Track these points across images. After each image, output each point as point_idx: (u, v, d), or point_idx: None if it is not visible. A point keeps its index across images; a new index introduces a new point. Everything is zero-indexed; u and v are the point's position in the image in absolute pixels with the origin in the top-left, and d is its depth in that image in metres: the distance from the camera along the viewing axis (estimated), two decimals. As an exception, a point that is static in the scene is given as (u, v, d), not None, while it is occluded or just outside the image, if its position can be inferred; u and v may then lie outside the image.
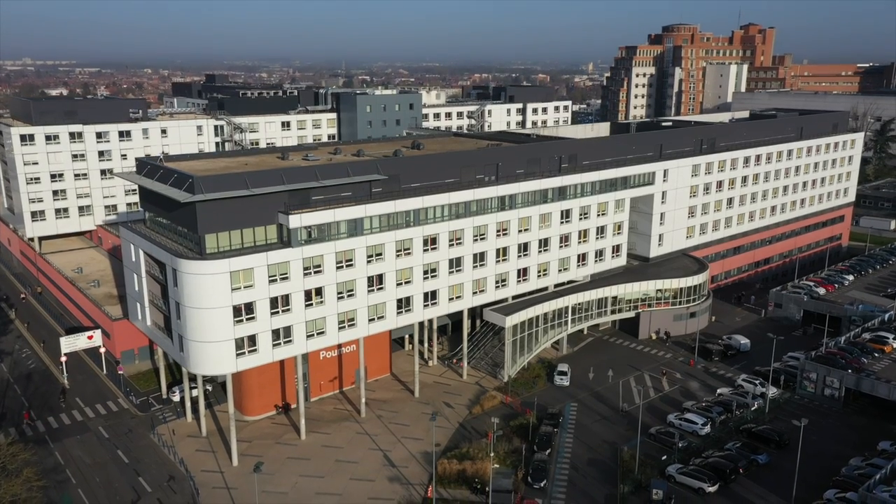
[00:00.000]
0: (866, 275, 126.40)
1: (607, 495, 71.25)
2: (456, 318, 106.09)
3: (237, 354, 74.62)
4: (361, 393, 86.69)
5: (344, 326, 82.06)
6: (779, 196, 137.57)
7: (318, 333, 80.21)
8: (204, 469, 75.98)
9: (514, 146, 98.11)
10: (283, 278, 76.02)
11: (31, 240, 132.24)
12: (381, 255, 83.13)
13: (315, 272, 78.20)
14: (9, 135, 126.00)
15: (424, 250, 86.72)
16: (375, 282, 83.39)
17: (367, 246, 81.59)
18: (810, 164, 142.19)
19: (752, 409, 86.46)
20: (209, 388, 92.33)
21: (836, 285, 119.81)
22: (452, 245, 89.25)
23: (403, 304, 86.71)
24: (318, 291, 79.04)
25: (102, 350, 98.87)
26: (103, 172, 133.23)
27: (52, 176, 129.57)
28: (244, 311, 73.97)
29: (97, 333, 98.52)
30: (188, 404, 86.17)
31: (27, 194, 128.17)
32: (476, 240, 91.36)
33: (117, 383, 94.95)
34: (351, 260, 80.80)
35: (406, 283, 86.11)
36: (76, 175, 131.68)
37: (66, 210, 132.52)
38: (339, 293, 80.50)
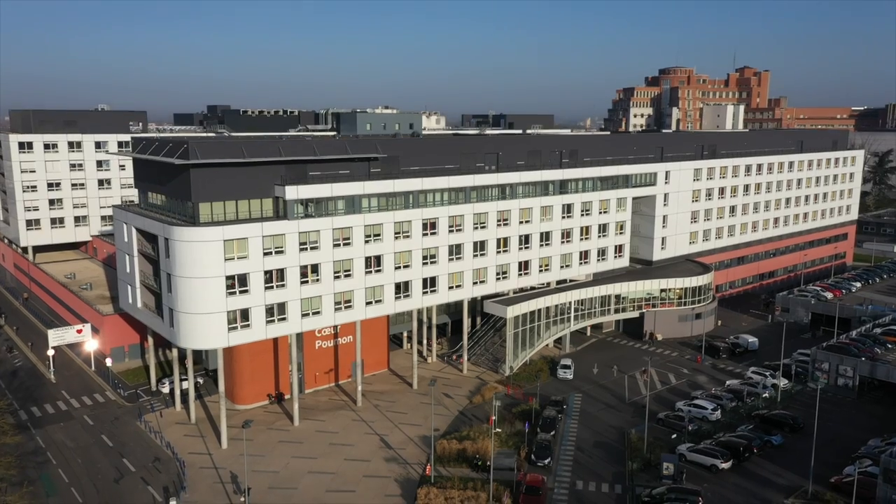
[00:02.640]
0: (874, 283, 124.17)
1: (615, 473, 67.71)
2: (455, 317, 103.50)
3: (229, 328, 71.99)
4: (358, 380, 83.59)
5: (340, 307, 79.61)
6: (781, 208, 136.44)
7: (313, 313, 77.72)
8: (192, 451, 72.45)
9: (516, 135, 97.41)
10: (279, 252, 74.00)
11: (26, 249, 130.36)
12: (379, 235, 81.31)
13: (311, 248, 76.24)
14: (7, 142, 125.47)
15: (424, 234, 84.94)
16: (373, 263, 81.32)
17: (365, 225, 79.84)
18: (811, 178, 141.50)
19: (763, 395, 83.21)
20: (200, 380, 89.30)
21: (844, 291, 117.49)
22: (452, 231, 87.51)
23: (402, 289, 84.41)
24: (315, 268, 76.92)
25: (91, 347, 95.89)
26: (101, 182, 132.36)
27: (49, 185, 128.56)
28: (237, 283, 71.71)
29: (86, 327, 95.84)
30: (178, 395, 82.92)
31: (23, 202, 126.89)
32: (476, 227, 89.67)
33: (105, 378, 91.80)
34: (348, 238, 78.92)
35: (405, 267, 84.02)
36: (73, 184, 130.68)
37: (61, 220, 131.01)
38: (335, 272, 78.36)
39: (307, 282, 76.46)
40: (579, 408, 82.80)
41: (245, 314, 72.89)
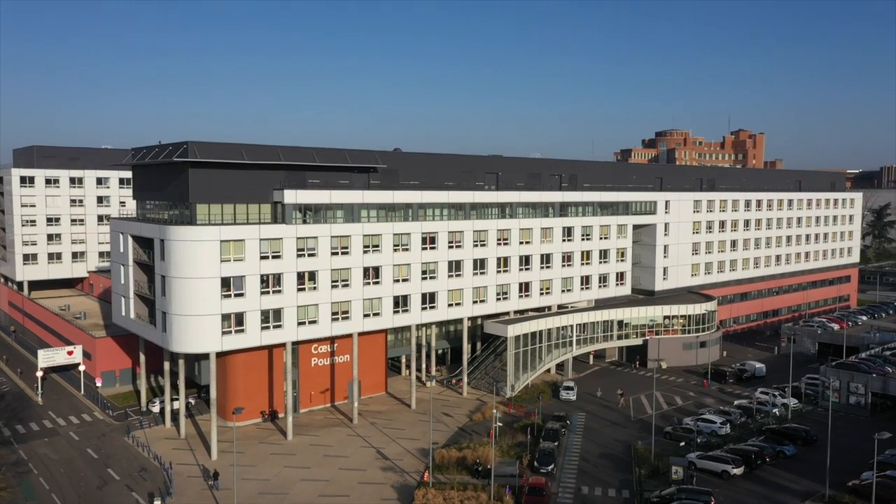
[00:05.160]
0: (880, 318, 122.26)
1: (621, 480, 64.69)
2: (455, 343, 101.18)
3: (223, 332, 70.25)
4: (354, 396, 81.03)
5: (338, 318, 77.94)
6: (782, 245, 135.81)
7: (309, 322, 76.03)
8: (180, 462, 69.47)
9: (516, 158, 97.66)
10: (276, 256, 72.98)
11: (21, 285, 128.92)
12: (377, 247, 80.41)
13: (309, 254, 75.26)
14: (9, 176, 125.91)
15: (423, 248, 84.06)
16: (371, 274, 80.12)
17: (364, 235, 79.08)
18: (811, 218, 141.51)
19: (774, 410, 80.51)
20: (192, 401, 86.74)
21: (850, 323, 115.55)
22: (452, 247, 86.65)
23: (401, 303, 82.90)
24: (312, 276, 75.70)
25: (82, 368, 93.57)
26: (100, 218, 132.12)
27: (49, 219, 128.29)
28: (233, 286, 70.38)
29: (78, 349, 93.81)
30: (168, 412, 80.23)
31: (21, 236, 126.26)
32: (476, 245, 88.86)
33: (94, 400, 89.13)
34: (346, 248, 78.01)
35: (404, 280, 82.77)
36: (73, 220, 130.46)
37: (59, 255, 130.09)
38: (333, 281, 77.10)
39: (304, 289, 75.11)
40: (583, 424, 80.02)
41: (240, 318, 71.26)
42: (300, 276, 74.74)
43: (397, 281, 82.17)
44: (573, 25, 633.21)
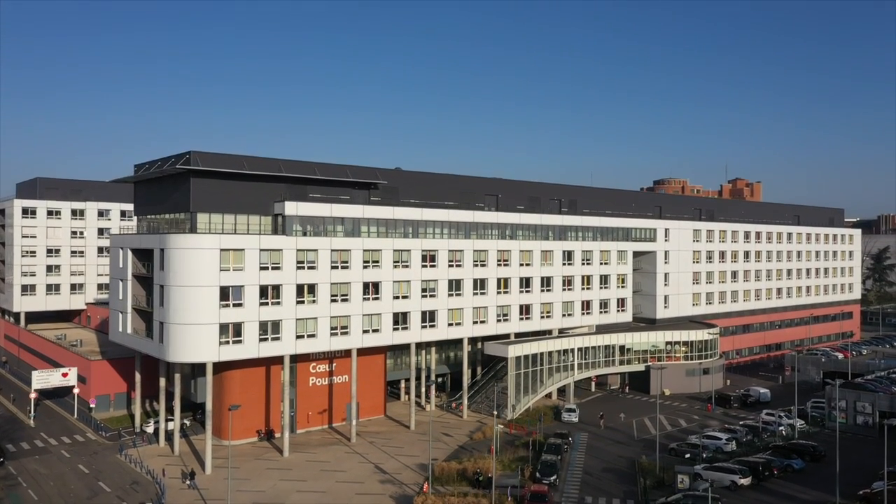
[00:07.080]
0: (884, 348, 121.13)
1: (626, 491, 62.99)
2: (455, 368, 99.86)
3: (220, 342, 69.37)
4: (353, 414, 79.53)
5: (336, 332, 77.14)
6: (783, 279, 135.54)
7: (308, 335, 75.20)
8: (173, 477, 67.71)
9: (516, 181, 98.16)
10: (275, 267, 72.69)
11: (18, 317, 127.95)
12: (377, 262, 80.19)
13: (309, 267, 74.98)
14: (11, 207, 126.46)
15: (423, 266, 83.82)
16: (371, 290, 79.67)
17: (364, 250, 78.92)
18: (811, 252, 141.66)
19: (780, 429, 78.95)
20: (187, 422, 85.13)
21: (854, 353, 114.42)
22: (452, 266, 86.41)
23: (400, 320, 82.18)
24: (311, 289, 75.24)
25: (76, 391, 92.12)
26: (100, 250, 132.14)
27: (49, 251, 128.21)
28: (231, 296, 69.86)
29: (72, 371, 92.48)
30: (162, 432, 78.67)
31: (20, 267, 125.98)
32: (476, 265, 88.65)
33: (87, 422, 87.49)
34: (346, 262, 77.77)
35: (403, 297, 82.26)
36: (73, 252, 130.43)
37: (57, 287, 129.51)
38: (332, 295, 76.60)
39: (303, 302, 74.55)
40: (586, 443, 78.43)
41: (238, 329, 70.50)
42: (300, 288, 74.31)
43: (397, 297, 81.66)
44: (568, 78, 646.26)
